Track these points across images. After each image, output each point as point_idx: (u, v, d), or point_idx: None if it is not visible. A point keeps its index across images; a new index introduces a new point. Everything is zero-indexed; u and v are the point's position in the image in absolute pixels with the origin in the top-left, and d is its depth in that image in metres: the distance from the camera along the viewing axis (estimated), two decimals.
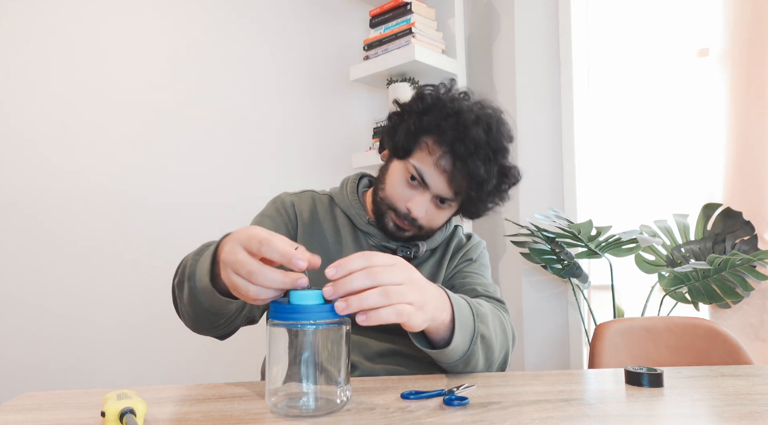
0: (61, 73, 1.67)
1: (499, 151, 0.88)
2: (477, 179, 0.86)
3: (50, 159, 1.64)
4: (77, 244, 1.67)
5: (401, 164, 0.91)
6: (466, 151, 0.84)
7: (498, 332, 0.79)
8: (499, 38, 2.21)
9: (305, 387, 0.57)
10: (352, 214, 0.97)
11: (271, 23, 2.10)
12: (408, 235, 0.93)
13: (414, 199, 0.89)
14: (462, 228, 1.08)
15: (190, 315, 0.77)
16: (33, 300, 1.59)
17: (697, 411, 0.58)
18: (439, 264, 1.00)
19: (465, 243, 1.04)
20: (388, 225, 0.92)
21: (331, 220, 0.98)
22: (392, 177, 0.92)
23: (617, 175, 2.01)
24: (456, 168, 0.85)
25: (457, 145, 0.84)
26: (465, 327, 0.71)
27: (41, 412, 0.59)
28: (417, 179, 0.88)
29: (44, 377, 1.58)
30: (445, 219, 0.96)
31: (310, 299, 0.57)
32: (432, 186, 0.88)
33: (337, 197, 1.01)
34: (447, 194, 0.89)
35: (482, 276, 0.98)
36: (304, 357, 0.57)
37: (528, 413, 0.57)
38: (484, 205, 0.93)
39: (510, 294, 2.15)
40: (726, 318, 1.67)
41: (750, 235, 1.59)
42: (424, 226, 0.92)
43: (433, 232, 0.96)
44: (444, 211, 0.93)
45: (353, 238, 0.96)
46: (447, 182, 0.87)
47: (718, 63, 1.70)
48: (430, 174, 0.87)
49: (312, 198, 1.01)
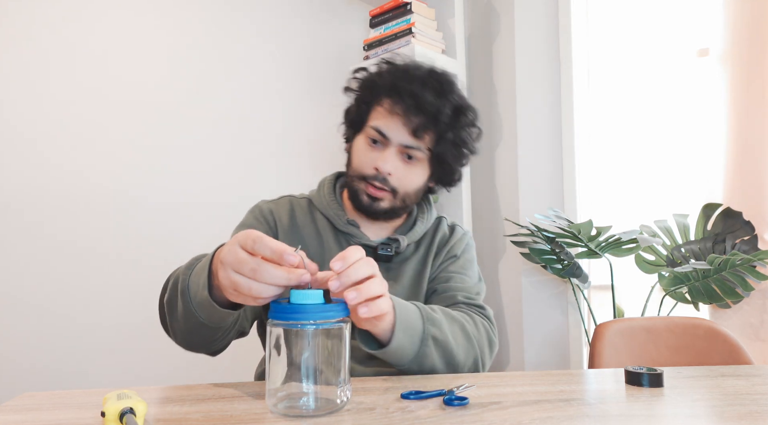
0: (61, 72, 1.67)
1: (446, 84, 0.91)
2: (430, 111, 0.88)
3: (50, 159, 1.64)
4: (77, 244, 1.67)
5: (361, 135, 0.94)
6: (413, 86, 0.88)
7: (459, 337, 0.80)
8: (499, 38, 2.21)
9: (305, 387, 0.57)
10: (331, 216, 0.96)
11: (271, 23, 2.10)
12: (385, 205, 0.92)
13: (380, 157, 0.90)
14: (446, 220, 1.06)
15: (184, 332, 0.76)
16: (33, 300, 1.59)
17: (697, 411, 0.58)
18: (424, 262, 0.98)
19: (449, 238, 1.01)
20: (363, 200, 0.92)
21: (311, 224, 0.98)
22: (356, 150, 0.94)
23: (617, 175, 2.01)
24: (408, 106, 0.87)
25: (403, 85, 0.88)
26: (408, 328, 0.73)
27: (41, 412, 0.59)
28: (378, 138, 0.90)
29: (44, 377, 1.58)
30: (419, 180, 0.94)
31: (310, 298, 0.57)
32: (392, 136, 0.89)
33: (315, 199, 1.01)
34: (408, 140, 0.89)
35: (465, 277, 0.97)
36: (305, 358, 0.57)
37: (528, 413, 0.57)
38: (449, 149, 0.92)
39: (510, 294, 2.15)
40: (726, 318, 1.67)
41: (750, 235, 1.59)
42: (397, 188, 0.91)
43: (410, 199, 0.95)
44: (414, 168, 0.92)
45: (335, 240, 0.95)
46: (403, 124, 0.89)
47: (718, 63, 1.70)
48: (387, 123, 0.90)
49: (290, 203, 1.00)
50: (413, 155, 0.91)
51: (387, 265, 0.95)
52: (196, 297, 0.69)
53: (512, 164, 2.16)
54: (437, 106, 0.88)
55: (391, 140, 0.90)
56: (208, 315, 0.70)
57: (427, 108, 0.88)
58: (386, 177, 0.90)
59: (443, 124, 0.90)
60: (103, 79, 1.74)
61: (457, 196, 2.09)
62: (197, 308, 0.70)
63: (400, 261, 0.97)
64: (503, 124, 2.20)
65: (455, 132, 0.92)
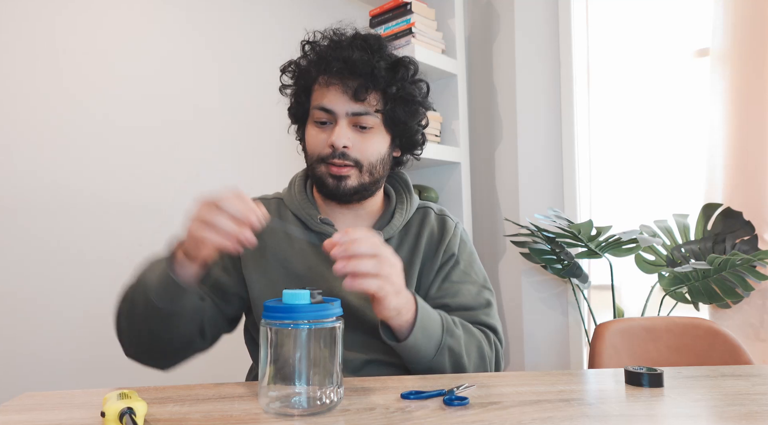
0: (48, 75, 1.67)
1: (373, 42, 0.89)
2: (364, 70, 0.85)
3: (51, 161, 1.64)
4: (77, 244, 1.67)
5: (309, 123, 0.92)
6: (341, 52, 0.86)
7: (473, 354, 0.82)
8: (499, 38, 2.21)
9: (298, 386, 0.58)
10: (303, 216, 0.93)
11: (270, 23, 2.10)
12: (353, 183, 0.88)
13: (332, 134, 0.87)
14: (433, 211, 0.99)
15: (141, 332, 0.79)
16: (33, 300, 1.59)
17: (697, 411, 0.58)
18: (411, 259, 0.92)
19: (442, 235, 0.95)
20: (329, 183, 0.89)
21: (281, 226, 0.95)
22: (308, 138, 0.92)
23: (617, 175, 2.01)
24: (341, 72, 0.85)
25: (330, 54, 0.87)
26: (427, 331, 0.76)
27: (41, 412, 0.59)
28: (324, 117, 0.88)
29: (44, 377, 1.58)
30: (379, 147, 0.90)
31: (302, 299, 0.58)
32: (336, 107, 0.87)
33: (286, 199, 0.97)
34: (353, 106, 0.86)
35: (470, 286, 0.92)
36: (297, 357, 0.57)
37: (528, 413, 0.57)
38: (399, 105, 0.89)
39: (510, 294, 2.15)
40: (726, 318, 1.67)
41: (750, 235, 1.59)
42: (360, 159, 0.88)
43: (376, 170, 0.90)
44: (370, 136, 0.89)
45: (308, 242, 0.92)
46: (342, 92, 0.86)
47: (718, 63, 1.70)
48: (327, 97, 0.87)
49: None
50: (365, 123, 0.88)
51: None
52: (153, 279, 0.75)
53: (512, 164, 2.16)
54: (370, 63, 0.85)
55: (337, 113, 0.87)
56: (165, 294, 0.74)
57: (360, 67, 0.85)
58: (344, 151, 0.87)
59: (382, 80, 0.87)
60: (98, 78, 1.74)
61: (457, 196, 2.09)
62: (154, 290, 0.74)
63: None
64: (503, 124, 2.20)
65: (398, 86, 0.89)
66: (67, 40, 1.68)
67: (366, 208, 0.96)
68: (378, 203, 0.98)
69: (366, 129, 0.88)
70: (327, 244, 0.69)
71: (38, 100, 1.63)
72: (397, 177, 1.02)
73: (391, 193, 1.00)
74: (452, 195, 2.10)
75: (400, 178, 1.02)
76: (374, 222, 0.96)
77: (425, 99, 0.95)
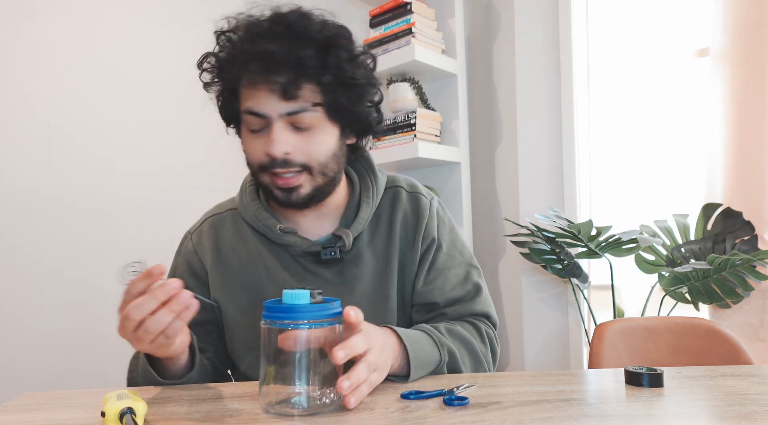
0: (51, 72, 1.67)
1: (296, 23, 0.74)
2: (288, 62, 0.72)
3: (61, 162, 1.64)
4: (77, 244, 1.67)
5: (242, 127, 0.80)
6: (258, 44, 0.72)
7: (467, 361, 0.81)
8: (499, 38, 2.21)
9: (298, 386, 0.58)
10: (261, 228, 0.83)
11: None
12: (306, 191, 0.78)
13: (267, 141, 0.75)
14: (403, 189, 0.90)
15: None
16: (33, 299, 1.59)
17: (697, 411, 0.58)
18: (387, 251, 0.85)
19: (417, 219, 0.87)
20: (278, 195, 0.78)
21: (240, 243, 0.86)
22: (245, 144, 0.80)
23: (617, 175, 2.01)
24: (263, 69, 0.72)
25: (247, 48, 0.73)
26: (423, 365, 0.73)
27: (41, 412, 0.59)
28: (255, 122, 0.76)
29: (44, 377, 1.58)
30: (327, 144, 0.78)
31: (302, 299, 0.58)
32: (266, 110, 0.74)
33: (240, 209, 0.87)
34: (285, 106, 0.74)
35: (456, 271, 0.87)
36: (297, 357, 0.58)
37: (528, 413, 0.57)
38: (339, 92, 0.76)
39: (510, 294, 2.15)
40: (726, 318, 1.67)
41: (750, 235, 1.59)
42: (307, 162, 0.76)
43: (330, 169, 0.79)
44: (312, 134, 0.76)
45: (272, 255, 0.84)
46: (270, 91, 0.73)
47: (718, 63, 1.70)
48: (254, 100, 0.75)
49: (212, 225, 0.89)
50: (302, 121, 0.75)
51: (339, 268, 0.84)
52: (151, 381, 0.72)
53: (512, 164, 2.16)
54: (294, 53, 0.72)
55: (269, 116, 0.74)
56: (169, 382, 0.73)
57: (284, 60, 0.71)
58: (286, 158, 0.75)
59: (314, 69, 0.73)
60: (99, 78, 1.74)
61: (457, 196, 2.09)
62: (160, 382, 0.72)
63: (354, 258, 0.84)
64: (503, 124, 2.20)
65: (334, 72, 0.75)
66: (66, 39, 1.68)
67: (328, 206, 0.85)
68: (341, 196, 0.87)
69: (305, 127, 0.75)
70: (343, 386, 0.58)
71: (23, 99, 1.63)
72: (358, 158, 0.90)
73: (354, 177, 0.89)
74: (452, 195, 2.10)
75: (361, 158, 0.90)
76: (339, 218, 0.86)
77: (371, 75, 0.81)
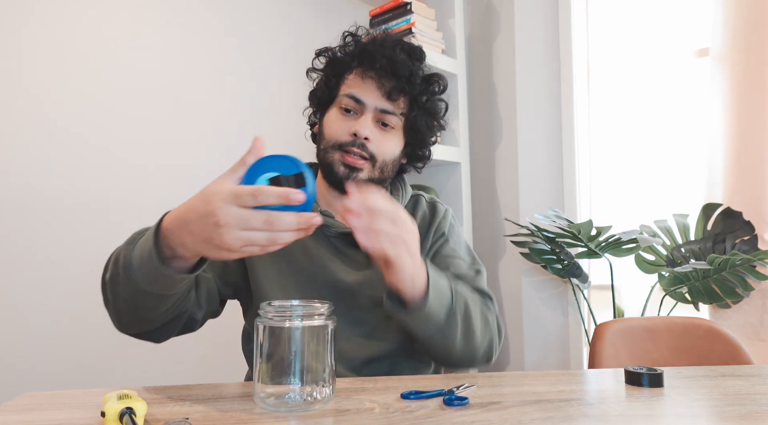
0: (57, 71, 1.67)
1: (417, 50, 0.93)
2: (403, 73, 0.88)
3: (65, 161, 1.64)
4: (77, 244, 1.67)
5: (333, 108, 0.93)
6: (385, 50, 0.88)
7: (478, 318, 0.80)
8: (499, 38, 2.22)
9: (291, 383, 0.59)
10: None
11: (270, 23, 2.10)
12: (363, 176, 0.89)
13: (356, 123, 0.88)
14: (424, 198, 1.02)
15: (129, 307, 0.73)
16: (33, 299, 1.59)
17: (697, 411, 0.58)
18: None
19: (432, 217, 0.98)
20: (340, 170, 0.88)
21: None
22: (329, 122, 0.92)
23: (617, 175, 2.01)
24: (381, 68, 0.87)
25: (374, 49, 0.89)
26: (440, 295, 0.73)
27: (41, 412, 0.59)
28: (352, 105, 0.89)
29: (44, 377, 1.58)
30: (395, 149, 0.92)
31: None
32: (367, 100, 0.89)
33: None
34: (384, 103, 0.89)
35: (460, 260, 0.93)
36: (290, 354, 0.59)
37: (528, 413, 0.57)
38: (422, 116, 0.92)
39: (510, 294, 2.15)
40: (726, 318, 1.67)
41: (750, 235, 1.59)
42: (376, 155, 0.89)
43: (387, 170, 0.92)
44: (390, 135, 0.91)
45: (311, 236, 0.90)
46: (377, 87, 0.88)
47: (718, 63, 1.70)
48: (360, 88, 0.89)
49: None
50: (388, 122, 0.90)
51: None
52: (142, 267, 0.66)
53: (512, 164, 2.16)
54: (410, 68, 0.89)
55: (366, 105, 0.89)
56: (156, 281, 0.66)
57: (400, 70, 0.88)
58: (364, 142, 0.87)
59: (416, 87, 0.90)
60: (102, 77, 1.74)
61: (457, 196, 2.09)
62: (142, 277, 0.66)
63: None
64: (503, 124, 2.20)
65: (428, 97, 0.93)
66: (72, 39, 1.68)
67: None
68: None
69: (388, 127, 0.90)
70: (344, 207, 0.66)
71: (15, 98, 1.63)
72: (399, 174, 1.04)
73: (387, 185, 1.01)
74: (452, 195, 2.10)
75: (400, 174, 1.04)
76: None
77: (443, 118, 0.99)
